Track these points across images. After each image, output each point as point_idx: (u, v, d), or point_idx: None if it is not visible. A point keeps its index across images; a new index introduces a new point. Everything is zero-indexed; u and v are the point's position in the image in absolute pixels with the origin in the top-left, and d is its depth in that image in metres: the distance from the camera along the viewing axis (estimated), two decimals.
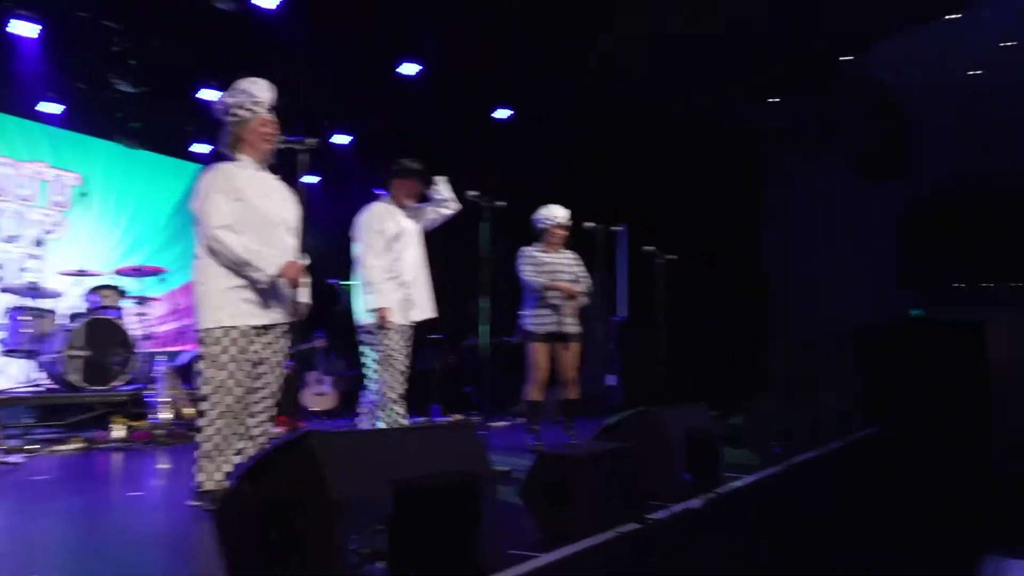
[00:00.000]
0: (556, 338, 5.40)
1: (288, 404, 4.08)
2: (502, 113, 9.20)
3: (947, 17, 8.56)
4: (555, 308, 5.37)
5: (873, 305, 10.55)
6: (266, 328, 3.38)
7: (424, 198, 4.59)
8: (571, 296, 5.40)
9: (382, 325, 4.24)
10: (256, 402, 3.38)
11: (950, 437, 9.78)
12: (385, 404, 4.27)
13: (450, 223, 4.73)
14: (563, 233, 5.51)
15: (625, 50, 8.15)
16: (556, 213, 5.48)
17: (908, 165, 10.23)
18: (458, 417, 8.16)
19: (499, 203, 4.37)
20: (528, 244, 5.55)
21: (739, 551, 3.63)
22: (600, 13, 7.37)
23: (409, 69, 7.86)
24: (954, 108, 9.80)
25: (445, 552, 2.41)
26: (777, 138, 10.99)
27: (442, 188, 4.56)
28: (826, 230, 10.74)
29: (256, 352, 3.34)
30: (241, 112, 3.42)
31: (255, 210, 3.33)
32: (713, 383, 9.53)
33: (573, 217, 5.55)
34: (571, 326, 5.46)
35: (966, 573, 5.75)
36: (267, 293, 3.33)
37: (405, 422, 4.41)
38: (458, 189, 4.56)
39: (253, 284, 3.29)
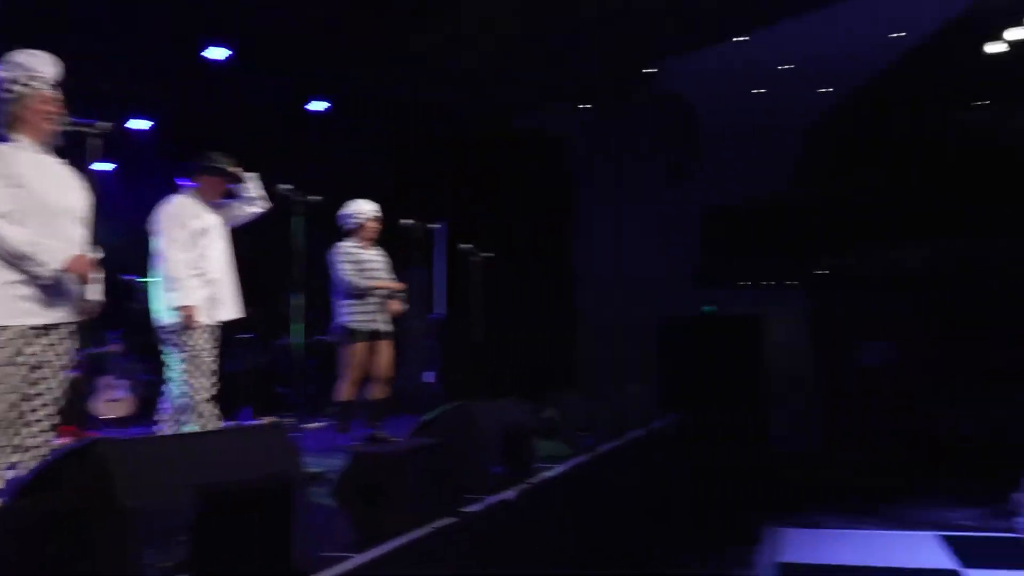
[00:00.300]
0: (375, 336, 5.36)
1: (74, 412, 3.74)
2: (318, 105, 8.96)
3: (735, 39, 9.41)
4: (377, 305, 5.32)
5: (673, 302, 11.37)
6: (47, 328, 3.07)
7: (231, 194, 4.37)
8: (393, 293, 5.37)
9: (187, 325, 4.00)
10: (33, 410, 3.07)
11: (735, 421, 10.77)
12: (194, 408, 4.02)
13: (262, 218, 4.54)
14: (377, 227, 5.46)
15: (443, 46, 8.23)
16: (364, 208, 5.40)
17: (706, 173, 11.12)
18: (270, 420, 7.86)
19: (313, 198, 4.26)
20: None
21: (550, 541, 3.79)
22: (419, 7, 7.39)
23: (217, 53, 7.45)
24: (743, 123, 10.78)
25: (254, 558, 2.32)
26: (588, 141, 11.53)
27: (251, 186, 4.36)
28: (632, 231, 11.42)
29: (34, 355, 3.03)
30: (17, 88, 3.08)
31: (36, 197, 3.02)
32: (527, 377, 9.85)
33: (390, 214, 5.52)
34: (386, 324, 5.44)
35: (753, 543, 6.35)
36: (49, 290, 3.04)
37: (221, 423, 4.19)
38: (270, 182, 4.39)
39: (33, 280, 2.98)
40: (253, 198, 4.35)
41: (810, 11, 9.01)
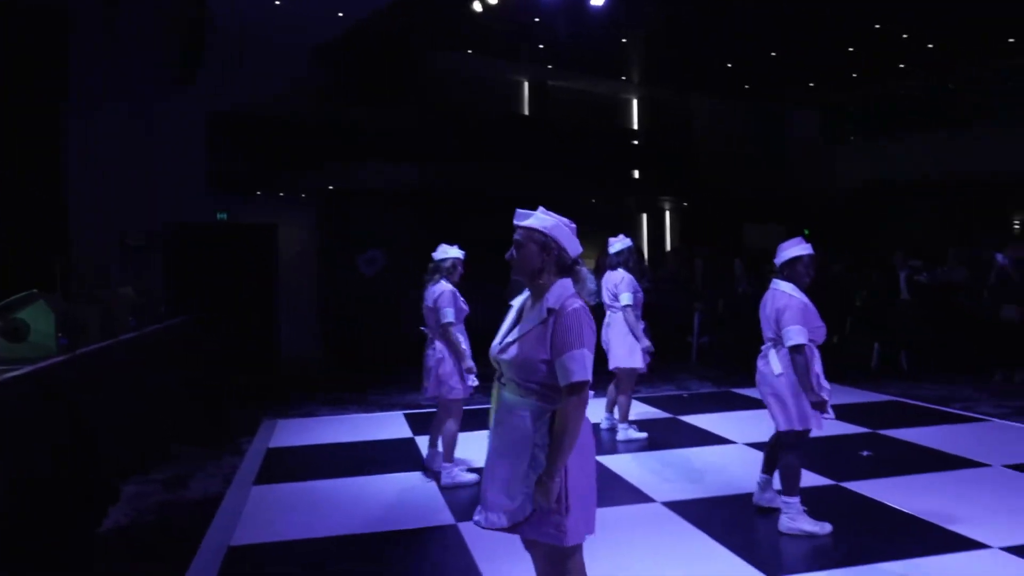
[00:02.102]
0: None
1: None
2: None
3: None
4: None
5: (187, 208, 11.04)
6: None
7: None
8: None
9: None
10: None
11: (247, 325, 11.10)
12: None
13: None
14: None
15: None
16: None
17: (214, 79, 10.84)
18: None
19: None
20: None
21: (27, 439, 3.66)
22: None
23: None
24: (256, 32, 10.75)
25: None
26: (87, 34, 10.29)
27: None
28: (136, 133, 10.68)
29: None
30: None
31: None
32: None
33: None
34: None
35: (251, 432, 6.77)
36: None
37: None
38: None
39: None
40: None
41: None
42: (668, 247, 16.10)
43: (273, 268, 11.60)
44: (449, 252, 5.12)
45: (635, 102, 16.06)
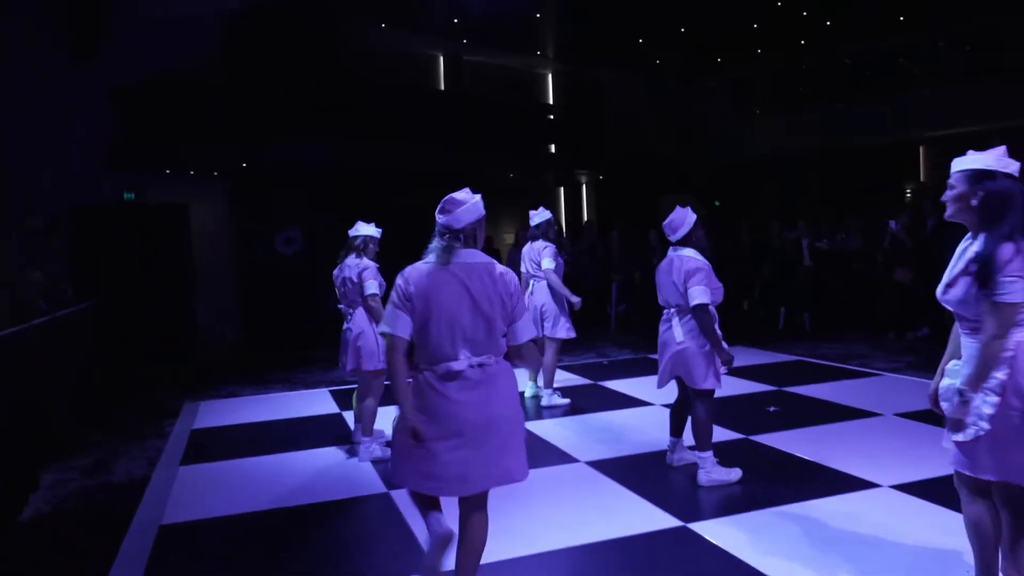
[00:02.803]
0: None
1: None
2: None
3: None
4: None
5: (89, 188, 10.62)
6: None
7: None
8: None
9: None
10: None
11: (162, 307, 10.80)
12: None
13: None
14: None
15: None
16: None
17: (118, 53, 10.43)
18: None
19: None
20: None
21: None
22: None
23: None
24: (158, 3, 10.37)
25: None
26: None
27: None
28: (32, 113, 10.18)
29: None
30: None
31: None
32: None
33: None
34: None
35: (174, 415, 6.67)
36: None
37: None
38: None
39: None
40: None
41: None
42: (585, 220, 16.44)
43: (187, 249, 11.29)
44: (361, 229, 5.17)
45: (550, 77, 16.23)
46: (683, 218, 4.40)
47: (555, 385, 6.67)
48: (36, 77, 10.13)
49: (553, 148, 15.41)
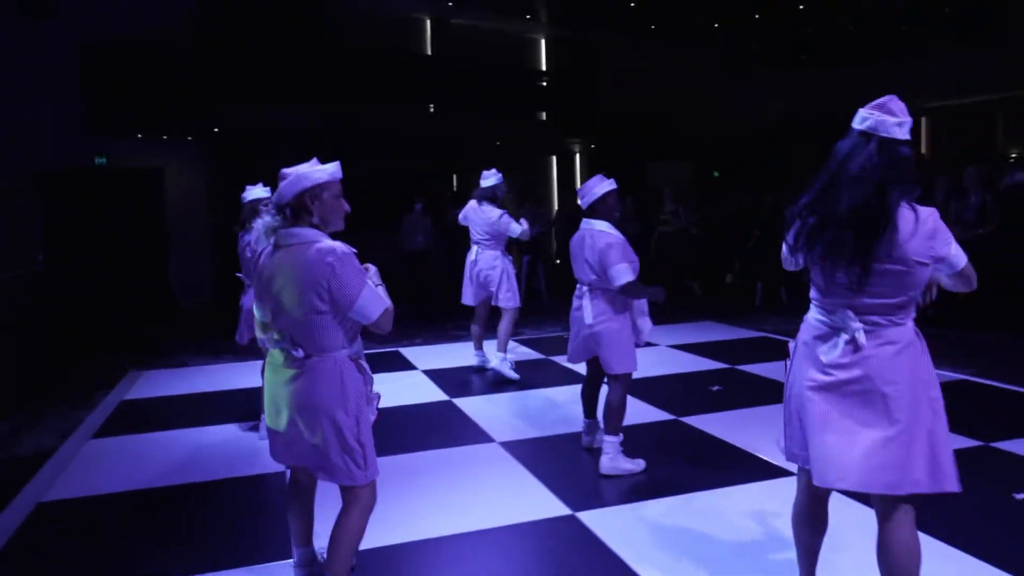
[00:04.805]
0: None
1: None
2: None
3: None
4: None
5: (60, 152, 10.50)
6: None
7: None
8: None
9: None
10: None
11: (136, 272, 10.73)
12: None
13: None
14: None
15: None
16: None
17: (86, 8, 10.21)
18: None
19: None
20: None
21: None
22: None
23: None
24: None
25: None
26: None
27: None
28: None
29: None
30: None
31: None
32: None
33: None
34: None
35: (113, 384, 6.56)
36: None
37: None
38: None
39: None
40: None
41: None
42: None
43: (161, 214, 11.17)
44: (253, 193, 4.99)
45: (543, 42, 15.80)
46: (593, 185, 4.13)
47: (508, 355, 6.42)
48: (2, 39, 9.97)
49: (544, 115, 15.06)
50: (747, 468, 4.12)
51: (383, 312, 2.58)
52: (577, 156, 16.35)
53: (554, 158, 16.27)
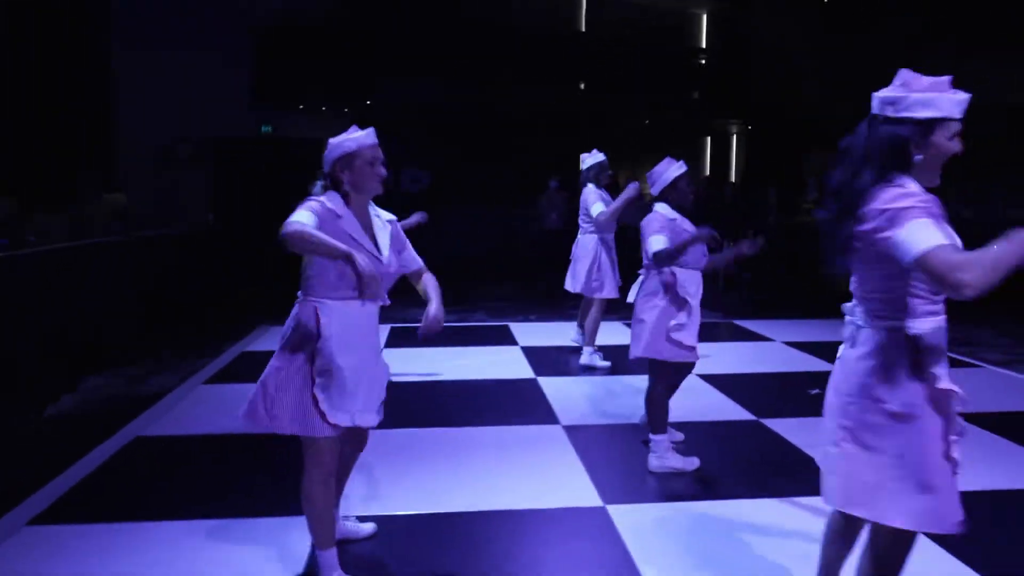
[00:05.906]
0: None
1: None
2: None
3: None
4: None
5: (228, 120, 11.49)
6: None
7: None
8: None
9: None
10: None
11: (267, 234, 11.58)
12: None
13: None
14: None
15: None
16: None
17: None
18: None
19: None
20: None
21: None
22: None
23: None
24: None
25: None
26: None
27: None
28: (179, 45, 11.09)
29: None
30: None
31: None
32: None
33: None
34: None
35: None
36: None
37: None
38: None
39: None
40: None
41: None
42: (733, 171, 15.47)
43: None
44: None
45: (704, 18, 15.23)
46: (663, 170, 3.97)
47: (597, 344, 6.36)
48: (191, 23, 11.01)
49: (697, 95, 14.54)
50: (809, 481, 3.85)
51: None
52: (733, 139, 15.69)
53: (708, 139, 15.71)
